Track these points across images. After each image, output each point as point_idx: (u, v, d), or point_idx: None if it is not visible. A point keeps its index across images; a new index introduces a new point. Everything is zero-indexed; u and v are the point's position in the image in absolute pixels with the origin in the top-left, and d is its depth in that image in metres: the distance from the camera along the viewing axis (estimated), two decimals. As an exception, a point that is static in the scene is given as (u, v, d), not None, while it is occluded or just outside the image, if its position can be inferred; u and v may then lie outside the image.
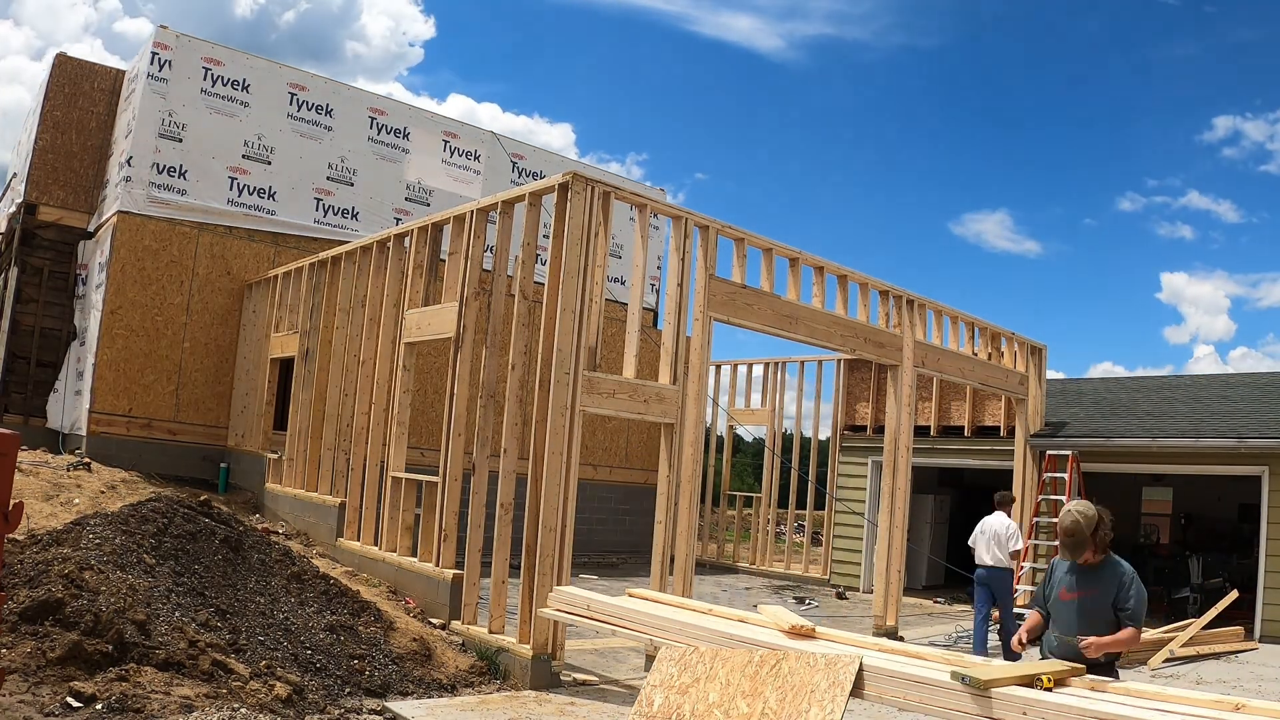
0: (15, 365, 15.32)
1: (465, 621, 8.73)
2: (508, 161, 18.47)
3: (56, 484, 11.81)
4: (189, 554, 7.45)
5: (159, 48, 14.93)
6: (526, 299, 9.05)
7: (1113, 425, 14.88)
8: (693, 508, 8.95)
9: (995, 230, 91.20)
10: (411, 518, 9.99)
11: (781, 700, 4.35)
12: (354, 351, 11.70)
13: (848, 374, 17.59)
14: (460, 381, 9.24)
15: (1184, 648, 11.03)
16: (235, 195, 15.52)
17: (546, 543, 7.82)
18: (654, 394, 8.69)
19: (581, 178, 8.27)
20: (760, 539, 18.34)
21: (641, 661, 8.59)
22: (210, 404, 15.42)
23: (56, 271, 15.78)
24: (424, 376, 14.18)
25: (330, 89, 16.64)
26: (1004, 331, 14.36)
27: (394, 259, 11.07)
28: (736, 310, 9.59)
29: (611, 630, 5.56)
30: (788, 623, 5.08)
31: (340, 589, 8.28)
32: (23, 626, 5.84)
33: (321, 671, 6.93)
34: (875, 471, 15.96)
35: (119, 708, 5.23)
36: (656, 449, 9.86)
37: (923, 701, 4.24)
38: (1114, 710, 3.84)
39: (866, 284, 11.51)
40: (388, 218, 16.58)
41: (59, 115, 15.96)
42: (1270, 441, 12.63)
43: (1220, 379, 17.10)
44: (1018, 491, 14.52)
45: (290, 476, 12.89)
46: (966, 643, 11.41)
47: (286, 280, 14.25)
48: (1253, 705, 3.92)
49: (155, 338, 14.86)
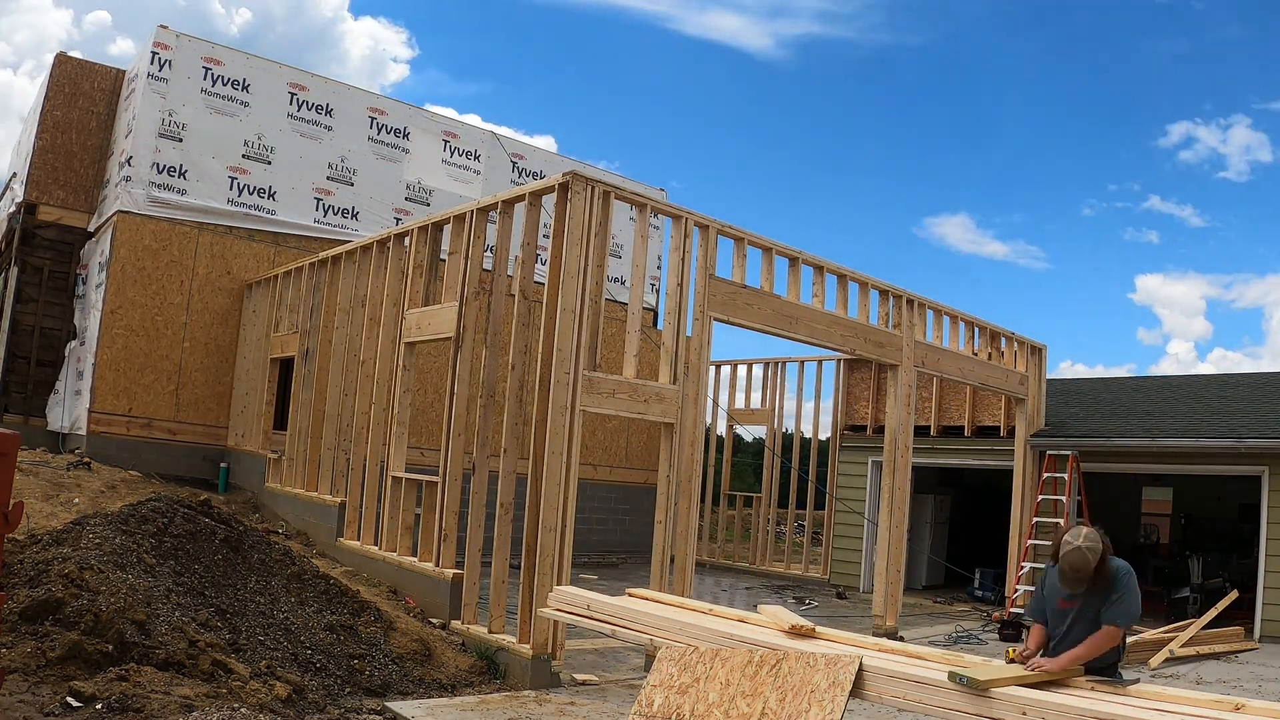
0: (15, 365, 15.32)
1: (465, 621, 8.73)
2: (508, 161, 18.48)
3: (56, 484, 11.82)
4: (189, 554, 7.45)
5: (159, 48, 14.93)
6: (526, 299, 9.05)
7: (1113, 425, 14.88)
8: (693, 508, 8.95)
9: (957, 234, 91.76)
10: (411, 518, 9.99)
11: (781, 700, 4.35)
12: (354, 351, 11.71)
13: (848, 374, 17.59)
14: (460, 381, 9.25)
15: (1184, 648, 11.02)
16: (235, 195, 15.52)
17: (546, 543, 7.82)
18: (654, 394, 8.69)
19: (581, 177, 8.27)
20: (760, 539, 18.34)
21: (641, 661, 8.58)
22: (210, 404, 15.42)
23: (56, 271, 15.78)
24: (424, 376, 14.19)
25: (330, 89, 16.64)
26: (1004, 331, 14.35)
27: (394, 259, 11.07)
28: (736, 310, 9.59)
29: (611, 630, 5.57)
30: (788, 623, 5.08)
31: (340, 589, 8.28)
32: (23, 626, 5.84)
33: (321, 671, 6.93)
34: (875, 471, 15.96)
35: (119, 707, 5.22)
36: (656, 449, 9.87)
37: (923, 701, 4.24)
38: (1114, 710, 3.84)
39: (866, 284, 11.51)
40: (388, 218, 16.58)
41: (59, 115, 15.96)
42: (1270, 441, 12.63)
43: (1220, 379, 17.10)
44: (1017, 491, 14.53)
45: (290, 476, 12.89)
46: (966, 643, 11.42)
47: (286, 280, 14.25)
48: (1253, 705, 3.92)
49: (155, 338, 14.86)
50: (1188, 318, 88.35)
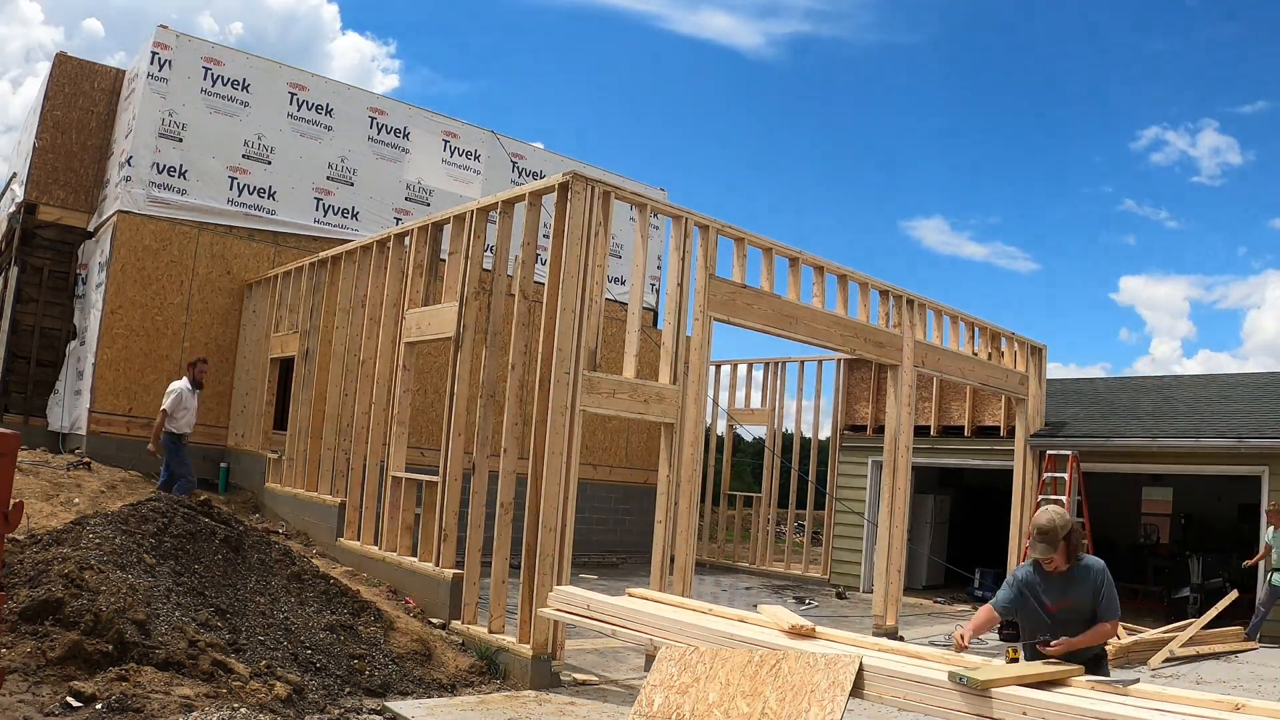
0: (15, 365, 15.32)
1: (465, 621, 8.73)
2: (508, 161, 18.47)
3: (56, 484, 11.82)
4: (189, 554, 7.45)
5: (159, 47, 14.92)
6: (526, 299, 9.05)
7: (1113, 425, 14.88)
8: (693, 508, 8.95)
9: (933, 237, 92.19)
10: (411, 517, 9.99)
11: (781, 700, 4.35)
12: (354, 351, 11.71)
13: (848, 374, 17.58)
14: (460, 381, 9.24)
15: (1184, 648, 11.03)
16: (235, 195, 15.52)
17: (546, 542, 7.82)
18: (654, 394, 8.69)
19: (582, 177, 8.27)
20: (760, 539, 18.33)
21: (641, 661, 8.58)
22: (210, 404, 15.40)
23: (56, 271, 15.77)
24: (424, 376, 14.18)
25: (330, 89, 16.64)
26: (1004, 331, 14.36)
27: (394, 259, 11.07)
28: (736, 310, 9.59)
29: (611, 630, 5.57)
30: (788, 623, 5.08)
31: (340, 589, 8.28)
32: (23, 626, 5.84)
33: (321, 671, 6.93)
34: (875, 471, 15.96)
35: (119, 707, 5.23)
36: (656, 449, 9.86)
37: (923, 701, 4.24)
38: (1114, 710, 3.84)
39: (866, 284, 11.51)
40: (388, 217, 16.58)
41: (59, 115, 15.96)
42: (1270, 441, 12.63)
43: (1220, 379, 17.10)
44: (1017, 492, 14.53)
45: (290, 476, 12.89)
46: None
47: (286, 280, 14.25)
48: (1253, 705, 3.92)
49: (155, 337, 14.85)
50: (1172, 319, 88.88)
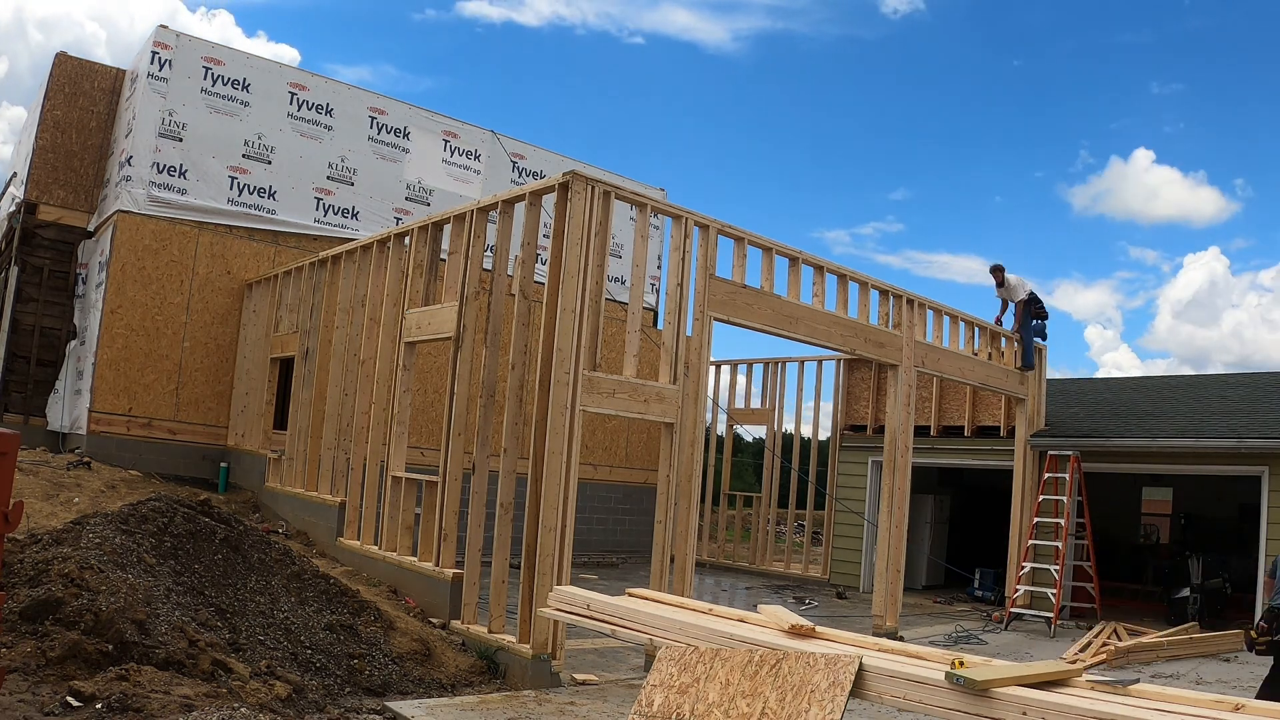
0: (15, 365, 15.32)
1: (465, 621, 8.73)
2: (508, 161, 18.48)
3: (56, 483, 11.82)
4: (189, 553, 7.45)
5: (159, 47, 14.93)
6: (526, 299, 9.05)
7: (1113, 425, 14.87)
8: (693, 508, 8.95)
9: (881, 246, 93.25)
10: (411, 517, 9.99)
11: (781, 700, 4.35)
12: (354, 351, 11.71)
13: (848, 374, 17.58)
14: (460, 381, 9.25)
15: (1184, 648, 11.04)
16: (235, 195, 15.52)
17: (546, 542, 7.82)
18: (654, 394, 8.69)
19: (582, 177, 8.27)
20: (760, 539, 18.34)
21: (641, 661, 8.58)
22: (210, 403, 15.42)
23: (56, 271, 15.78)
24: (424, 376, 14.19)
25: (330, 89, 16.64)
26: (1004, 331, 14.36)
27: (394, 258, 11.07)
28: (736, 310, 9.59)
29: (611, 630, 5.56)
30: (787, 622, 5.08)
31: (340, 589, 8.28)
32: (23, 626, 5.85)
33: (321, 671, 6.93)
34: (875, 471, 15.96)
35: (119, 707, 5.22)
36: (656, 449, 9.87)
37: (923, 701, 4.24)
38: (1114, 710, 3.84)
39: (866, 284, 11.51)
40: (388, 217, 16.58)
41: (59, 115, 15.96)
42: (1270, 441, 12.62)
43: (1220, 379, 17.10)
44: (1018, 491, 14.52)
45: (290, 476, 12.90)
46: (966, 643, 11.42)
47: (287, 279, 14.25)
48: (1252, 705, 3.92)
49: (155, 337, 14.86)
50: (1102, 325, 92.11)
